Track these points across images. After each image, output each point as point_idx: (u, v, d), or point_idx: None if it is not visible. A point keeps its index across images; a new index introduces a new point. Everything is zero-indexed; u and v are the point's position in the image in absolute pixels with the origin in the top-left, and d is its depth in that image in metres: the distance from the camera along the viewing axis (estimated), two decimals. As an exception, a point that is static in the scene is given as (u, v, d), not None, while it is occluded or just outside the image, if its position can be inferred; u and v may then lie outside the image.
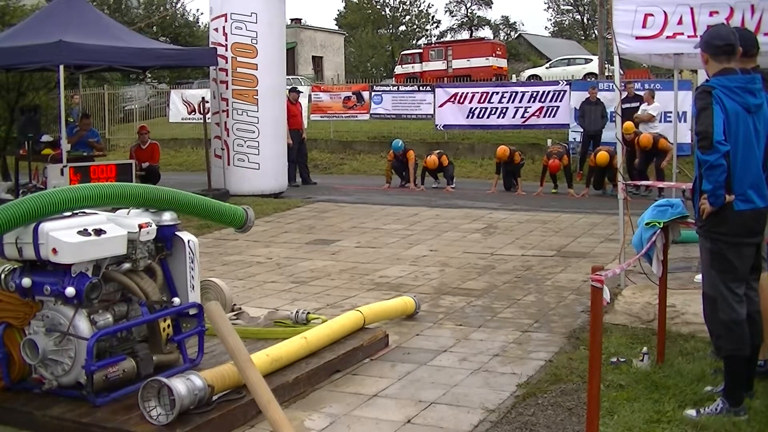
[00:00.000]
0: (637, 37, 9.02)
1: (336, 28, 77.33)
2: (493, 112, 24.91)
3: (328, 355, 6.95)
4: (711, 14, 8.50)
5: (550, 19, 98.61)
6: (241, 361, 5.25)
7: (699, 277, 7.59)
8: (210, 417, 5.56)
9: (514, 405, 6.15)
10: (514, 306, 9.15)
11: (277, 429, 4.97)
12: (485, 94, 25.25)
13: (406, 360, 7.29)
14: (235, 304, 8.25)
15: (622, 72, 9.77)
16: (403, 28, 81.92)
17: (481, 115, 25.12)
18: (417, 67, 51.83)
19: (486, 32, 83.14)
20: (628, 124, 18.46)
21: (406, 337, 7.99)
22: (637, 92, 20.84)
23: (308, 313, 7.97)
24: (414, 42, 76.84)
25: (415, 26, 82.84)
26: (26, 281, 5.91)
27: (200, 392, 5.53)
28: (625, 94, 19.00)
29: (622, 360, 6.88)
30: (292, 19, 59.72)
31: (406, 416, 5.98)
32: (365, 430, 5.81)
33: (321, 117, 29.01)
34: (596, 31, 47.87)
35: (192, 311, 6.58)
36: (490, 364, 7.14)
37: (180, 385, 5.43)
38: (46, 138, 19.10)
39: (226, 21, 19.52)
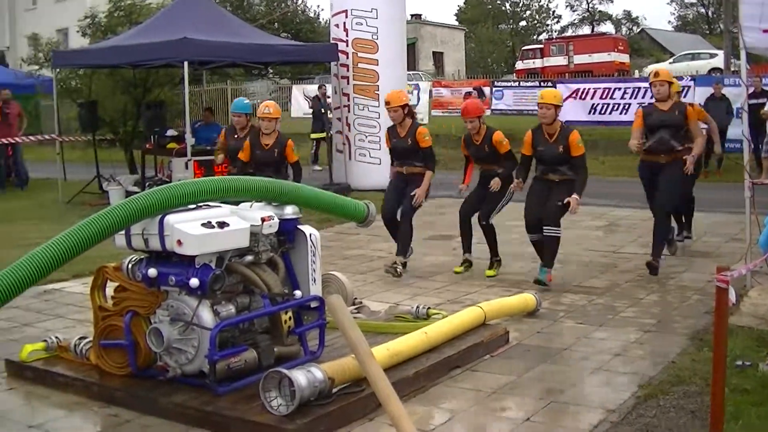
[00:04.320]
0: (764, 31, 8.73)
1: (456, 23, 77.18)
2: (615, 108, 24.61)
3: (448, 351, 6.93)
4: None
5: (674, 13, 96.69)
6: (362, 354, 5.26)
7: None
8: (329, 409, 5.60)
9: (635, 406, 6.02)
10: (636, 305, 8.99)
11: (397, 423, 4.97)
12: (607, 90, 24.96)
13: (526, 357, 7.23)
14: (356, 298, 8.27)
15: (748, 67, 9.52)
16: (523, 23, 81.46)
17: (603, 111, 24.82)
18: (538, 63, 51.41)
19: (608, 27, 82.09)
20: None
21: (526, 334, 7.93)
22: (765, 88, 20.32)
23: (429, 308, 7.97)
24: (535, 37, 76.29)
25: (535, 21, 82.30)
26: (152, 272, 6.03)
27: (320, 384, 5.56)
28: (752, 90, 18.55)
29: (748, 363, 6.67)
30: (412, 15, 59.92)
31: (525, 414, 5.92)
32: (484, 427, 5.77)
33: (442, 113, 29.02)
34: (721, 25, 46.81)
35: (313, 304, 6.63)
36: (610, 364, 7.03)
37: (300, 376, 5.47)
38: (171, 132, 19.52)
39: (346, 17, 19.66)
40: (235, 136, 12.60)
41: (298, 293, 6.60)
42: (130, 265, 6.28)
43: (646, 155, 10.45)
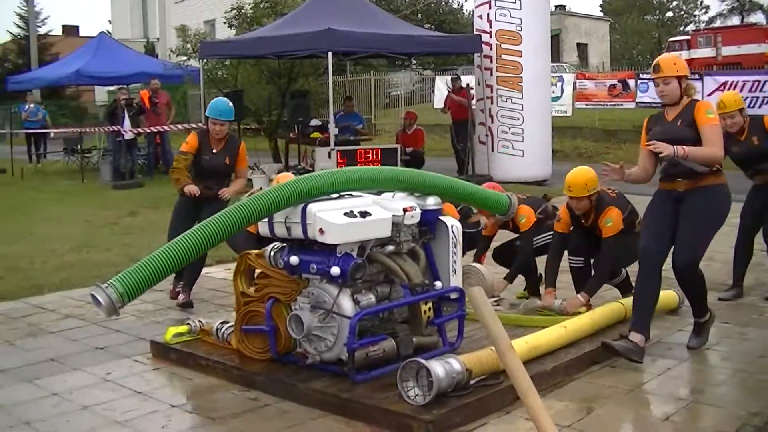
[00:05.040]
0: None
1: (601, 14, 76.07)
2: (765, 102, 23.74)
3: (587, 346, 6.86)
4: None
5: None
6: (502, 347, 5.22)
7: None
8: (466, 401, 5.60)
9: (780, 411, 5.84)
10: (782, 305, 8.74)
11: (535, 417, 4.92)
12: (757, 83, 24.13)
13: (667, 355, 7.08)
14: (496, 290, 8.25)
15: None
16: (670, 14, 79.63)
17: (752, 105, 23.94)
18: (684, 55, 50.11)
19: (758, 17, 79.51)
20: None
21: (667, 332, 7.76)
22: None
23: (569, 302, 7.89)
24: (681, 28, 74.54)
25: (682, 12, 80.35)
26: (294, 259, 6.10)
27: (458, 376, 5.56)
28: None
29: None
30: (556, 6, 59.17)
31: (664, 413, 5.79)
32: (621, 424, 5.69)
33: (586, 105, 28.66)
34: None
35: (453, 295, 6.62)
36: (755, 365, 6.82)
37: (438, 367, 5.47)
38: (314, 122, 19.79)
39: (490, 8, 19.62)
40: (212, 151, 9.00)
41: (438, 284, 6.60)
42: (272, 253, 6.37)
43: (663, 183, 7.17)
